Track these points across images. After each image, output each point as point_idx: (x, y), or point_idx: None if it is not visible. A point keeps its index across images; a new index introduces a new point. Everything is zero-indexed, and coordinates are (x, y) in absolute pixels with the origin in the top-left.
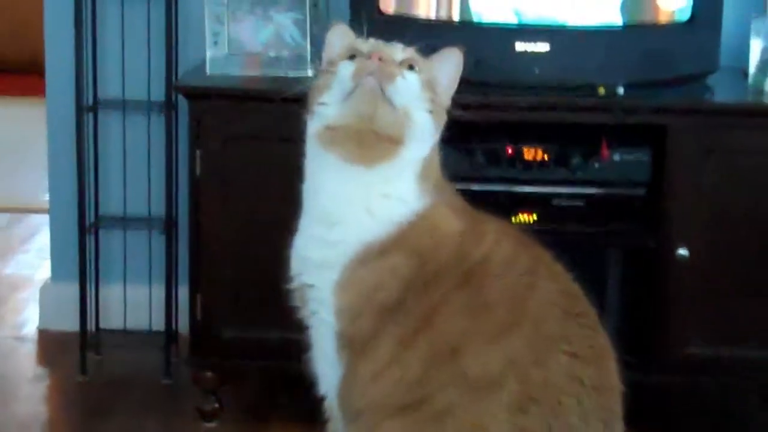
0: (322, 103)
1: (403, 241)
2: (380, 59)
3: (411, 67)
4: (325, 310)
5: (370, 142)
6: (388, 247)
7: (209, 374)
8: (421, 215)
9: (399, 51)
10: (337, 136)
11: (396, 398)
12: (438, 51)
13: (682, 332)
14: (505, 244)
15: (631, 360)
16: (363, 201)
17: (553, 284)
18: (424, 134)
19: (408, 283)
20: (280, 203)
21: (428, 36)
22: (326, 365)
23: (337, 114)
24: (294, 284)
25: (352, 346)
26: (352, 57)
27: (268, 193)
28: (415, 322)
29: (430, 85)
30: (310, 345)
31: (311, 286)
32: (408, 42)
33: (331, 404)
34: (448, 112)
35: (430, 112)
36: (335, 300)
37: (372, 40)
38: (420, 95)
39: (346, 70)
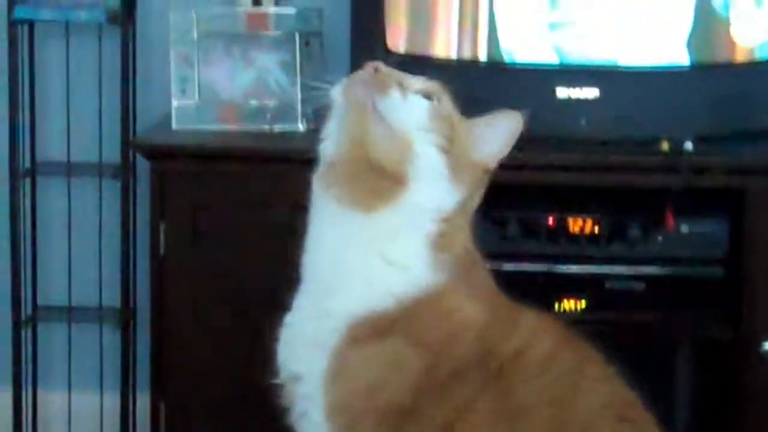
0: (322, 139)
1: (407, 324)
2: (376, 70)
3: (427, 97)
4: (316, 409)
5: (367, 175)
6: (385, 328)
7: None
8: (430, 294)
9: (420, 81)
10: (335, 174)
11: None
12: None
13: None
14: (544, 339)
15: None
16: (360, 259)
17: (604, 386)
18: (432, 174)
19: (419, 383)
20: (266, 288)
21: (448, 80)
22: None
23: (334, 145)
24: (281, 377)
25: None
26: None
27: (250, 275)
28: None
29: (446, 121)
30: None
31: (300, 377)
32: None
33: None
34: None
35: (442, 149)
36: (326, 395)
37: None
38: (425, 123)
39: (338, 88)
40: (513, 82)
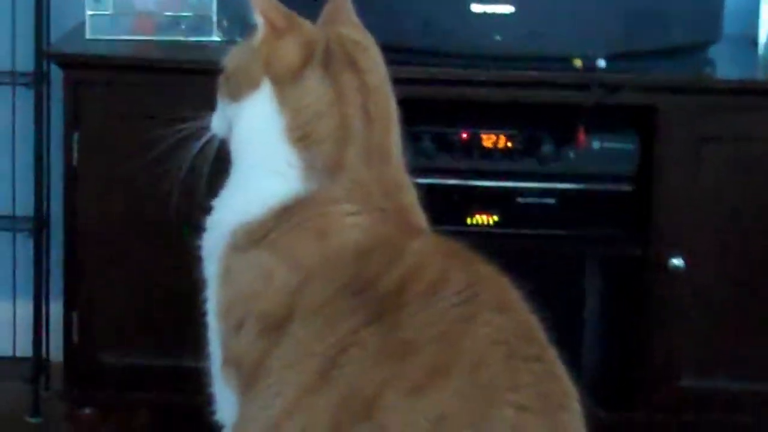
0: None
1: (277, 236)
2: None
3: None
4: (212, 311)
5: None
6: (258, 237)
7: (88, 410)
8: (299, 202)
9: None
10: None
11: None
12: None
13: (673, 360)
14: (432, 265)
15: (602, 416)
16: (246, 168)
17: (499, 317)
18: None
19: (291, 301)
20: (177, 199)
21: None
22: (219, 385)
23: None
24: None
25: (239, 370)
26: None
27: (162, 187)
28: (319, 363)
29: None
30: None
31: (205, 283)
32: None
33: None
34: None
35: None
36: (217, 297)
37: None
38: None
39: None
40: None
